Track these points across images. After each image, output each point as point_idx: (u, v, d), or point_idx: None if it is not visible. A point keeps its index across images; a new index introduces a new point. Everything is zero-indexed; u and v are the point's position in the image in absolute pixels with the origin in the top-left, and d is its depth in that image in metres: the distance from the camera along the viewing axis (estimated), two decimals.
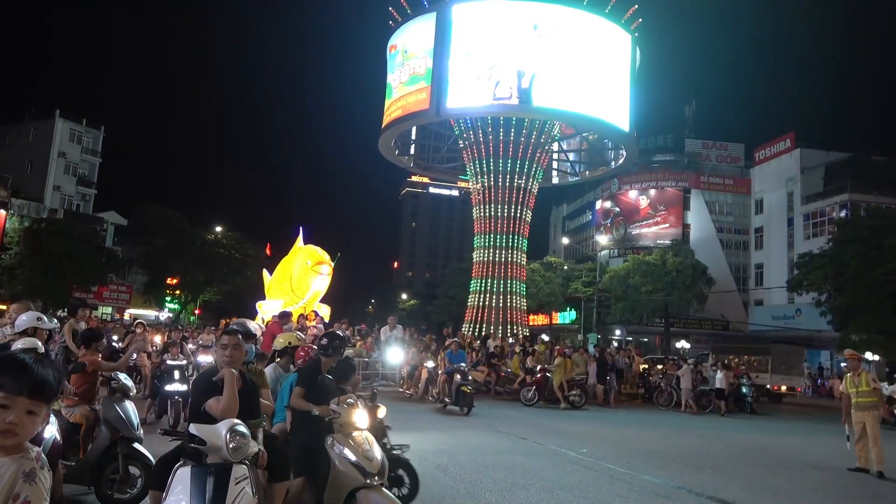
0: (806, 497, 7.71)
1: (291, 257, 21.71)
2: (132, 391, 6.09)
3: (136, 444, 5.66)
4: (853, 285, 28.53)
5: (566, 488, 7.14)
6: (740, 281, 49.38)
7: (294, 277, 20.52)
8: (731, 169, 52.59)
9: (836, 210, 40.69)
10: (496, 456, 8.97)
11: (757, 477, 8.62)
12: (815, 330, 35.68)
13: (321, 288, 20.65)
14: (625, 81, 32.44)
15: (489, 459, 8.60)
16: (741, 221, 50.67)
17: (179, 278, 45.54)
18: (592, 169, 41.49)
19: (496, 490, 6.85)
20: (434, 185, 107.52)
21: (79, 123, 53.06)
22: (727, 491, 7.46)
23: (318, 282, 20.36)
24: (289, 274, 21.01)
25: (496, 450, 9.59)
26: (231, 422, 3.42)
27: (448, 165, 40.59)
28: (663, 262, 40.02)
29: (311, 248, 21.19)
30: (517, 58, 29.79)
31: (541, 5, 30.37)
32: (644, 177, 52.67)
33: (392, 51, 34.50)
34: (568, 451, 9.63)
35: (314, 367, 5.29)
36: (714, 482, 8.00)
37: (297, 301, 19.96)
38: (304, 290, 20.24)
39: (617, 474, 8.14)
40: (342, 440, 4.51)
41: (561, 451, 9.64)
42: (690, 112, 56.99)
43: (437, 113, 30.97)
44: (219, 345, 3.94)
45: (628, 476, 8.05)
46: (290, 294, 20.50)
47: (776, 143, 47.93)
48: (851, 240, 29.49)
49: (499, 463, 8.37)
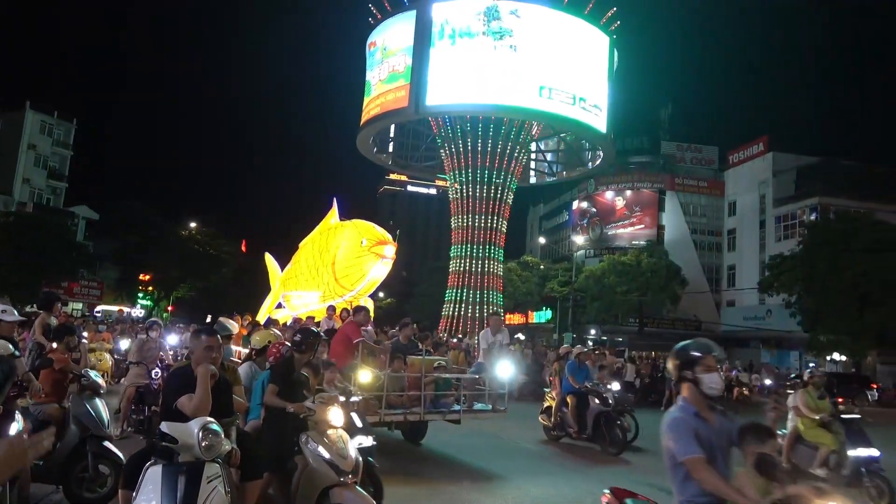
0: None
1: (327, 237, 17.09)
2: (103, 389, 6.00)
3: (106, 442, 5.58)
4: (822, 287, 29.14)
5: None
6: (713, 282, 50.12)
7: (339, 262, 15.86)
8: (705, 171, 53.31)
9: (807, 213, 41.49)
10: None
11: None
12: (785, 331, 36.37)
13: (380, 275, 16.01)
14: (603, 83, 32.70)
15: None
16: (714, 223, 51.42)
17: (152, 274, 44.91)
18: (570, 169, 41.77)
19: None
20: (412, 184, 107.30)
21: (50, 115, 51.94)
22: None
23: (377, 268, 15.60)
24: (327, 258, 16.29)
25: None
26: (203, 420, 3.40)
27: (426, 164, 40.55)
28: (638, 263, 40.48)
29: (364, 224, 16.59)
30: (497, 57, 29.86)
31: (521, 4, 30.47)
32: (620, 178, 53.17)
33: (371, 48, 34.37)
34: None
35: (287, 364, 5.27)
36: None
37: (342, 292, 15.74)
38: (355, 277, 15.65)
39: None
40: (316, 438, 4.50)
41: None
42: (666, 114, 57.67)
43: (416, 111, 30.93)
44: (201, 345, 3.87)
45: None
46: (333, 283, 16.00)
47: (749, 146, 48.71)
48: (821, 242, 30.11)
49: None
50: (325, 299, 15.45)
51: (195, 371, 3.70)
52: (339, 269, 15.85)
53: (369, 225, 16.54)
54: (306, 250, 17.74)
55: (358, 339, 7.94)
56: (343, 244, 16.06)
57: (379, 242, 15.49)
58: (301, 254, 17.99)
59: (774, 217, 44.74)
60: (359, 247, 15.60)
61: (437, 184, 66.43)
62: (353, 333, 8.07)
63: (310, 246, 17.63)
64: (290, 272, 18.30)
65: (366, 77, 34.72)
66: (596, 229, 53.37)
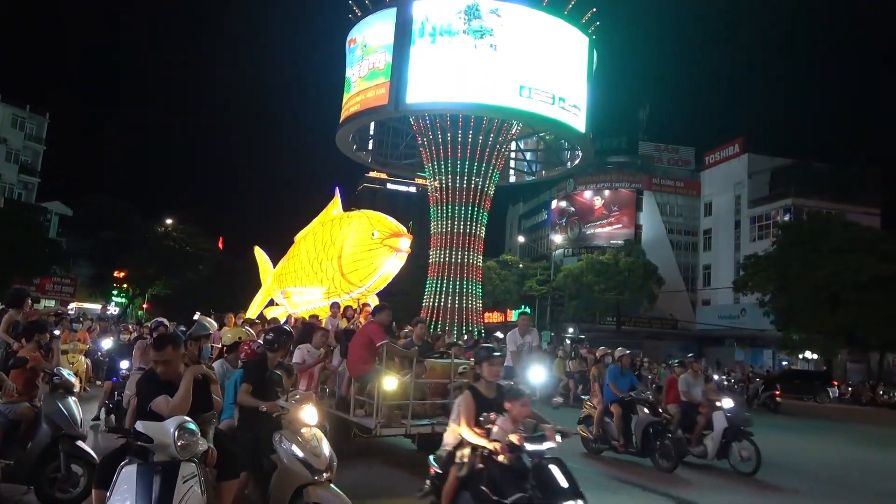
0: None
1: (331, 229, 15.62)
2: (75, 387, 5.91)
3: (79, 441, 5.50)
4: (795, 287, 29.66)
5: None
6: (689, 281, 50.75)
7: (346, 255, 14.46)
8: (681, 172, 53.93)
9: (781, 214, 42.20)
10: None
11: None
12: (758, 330, 36.96)
13: (393, 270, 14.75)
14: (582, 83, 32.89)
15: None
16: (691, 223, 52.05)
17: (127, 271, 44.27)
18: (549, 169, 41.98)
19: None
20: (392, 182, 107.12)
21: (22, 109, 50.89)
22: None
23: (390, 262, 14.35)
24: (332, 251, 14.89)
25: None
26: (180, 419, 3.37)
27: (406, 162, 40.46)
28: (616, 262, 40.88)
29: (375, 215, 15.29)
30: (477, 56, 29.88)
31: (502, 4, 30.51)
32: (599, 177, 53.57)
33: (351, 45, 34.18)
34: None
35: (260, 362, 5.23)
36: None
37: (349, 288, 14.48)
38: (364, 272, 14.35)
39: None
40: (290, 437, 4.49)
41: None
42: (644, 115, 58.22)
43: (396, 108, 30.83)
44: (174, 353, 3.82)
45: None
46: (339, 278, 14.59)
47: (725, 147, 49.39)
48: (794, 243, 30.65)
49: None
50: (329, 296, 14.23)
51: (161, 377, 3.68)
52: (347, 263, 14.37)
53: (380, 215, 15.20)
54: (307, 243, 16.23)
55: (382, 342, 7.18)
56: (351, 236, 14.54)
57: (393, 234, 14.21)
58: (299, 247, 16.54)
59: (749, 217, 45.43)
60: (369, 239, 14.21)
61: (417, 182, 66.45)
62: (375, 335, 7.28)
63: (310, 238, 16.15)
64: (286, 267, 16.94)
65: (346, 74, 34.54)
66: (574, 228, 53.72)
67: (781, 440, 12.67)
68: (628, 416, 9.29)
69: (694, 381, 9.69)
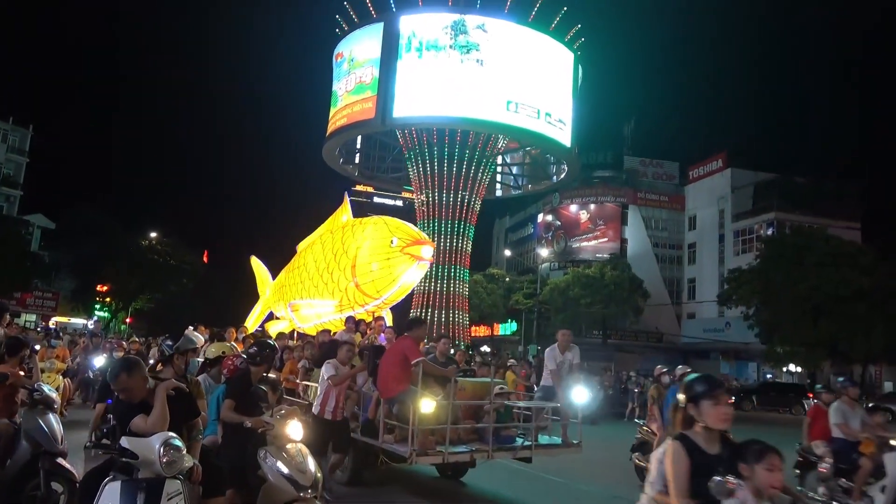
0: None
1: (342, 236, 14.30)
2: (56, 403, 5.81)
3: (59, 458, 5.40)
4: (778, 300, 29.93)
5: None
6: (674, 294, 51.06)
7: (360, 265, 13.20)
8: (666, 186, 54.42)
9: (764, 228, 42.68)
10: None
11: None
12: (743, 342, 37.22)
13: (413, 280, 13.85)
14: (567, 98, 33.22)
15: None
16: (675, 237, 52.45)
17: (110, 285, 43.76)
18: (535, 183, 42.23)
19: None
20: (378, 195, 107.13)
21: (5, 121, 50.44)
22: None
23: (411, 272, 13.14)
24: (345, 261, 13.53)
25: None
26: (165, 435, 3.32)
27: (393, 175, 40.57)
28: (602, 276, 41.06)
29: (394, 221, 14.07)
30: (464, 71, 30.10)
31: (488, 20, 30.82)
32: (584, 191, 53.93)
33: (338, 59, 34.32)
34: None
35: (244, 377, 5.17)
36: None
37: (365, 300, 13.29)
38: (382, 283, 13.08)
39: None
40: (275, 453, 4.43)
41: None
42: (629, 130, 58.76)
43: (382, 122, 30.95)
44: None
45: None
46: (353, 290, 13.34)
47: (709, 162, 49.95)
48: (777, 257, 30.97)
49: None
50: (342, 308, 13.18)
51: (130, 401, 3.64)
52: (362, 273, 13.12)
53: (399, 222, 14.05)
54: (314, 252, 15.03)
55: (418, 360, 6.59)
56: (366, 244, 13.28)
57: (414, 242, 12.97)
58: (305, 257, 15.38)
59: (733, 231, 45.89)
60: (387, 247, 12.95)
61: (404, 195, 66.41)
62: (411, 352, 6.67)
63: (318, 247, 14.97)
64: (288, 278, 15.87)
65: (332, 88, 34.64)
66: (560, 242, 53.96)
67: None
68: None
69: (851, 412, 7.56)
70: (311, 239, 15.99)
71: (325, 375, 6.84)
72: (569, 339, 8.73)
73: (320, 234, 15.62)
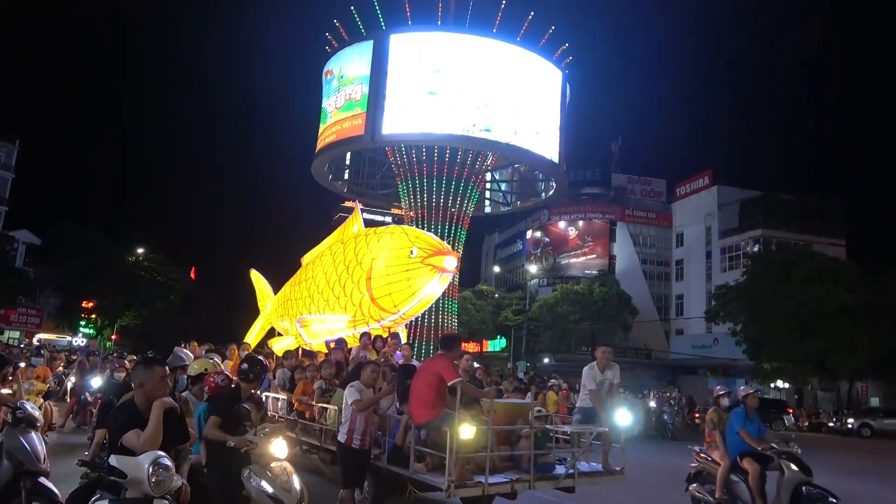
0: None
1: (355, 247, 13.25)
2: (39, 421, 5.72)
3: (41, 478, 5.30)
4: (765, 316, 30.13)
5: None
6: (662, 311, 51.25)
7: (376, 277, 12.27)
8: (653, 203, 54.83)
9: (750, 245, 43.06)
10: None
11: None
12: (731, 359, 37.35)
13: (435, 293, 12.88)
14: (556, 115, 33.47)
15: None
16: (663, 253, 52.75)
17: (96, 301, 43.32)
18: (524, 199, 42.39)
19: None
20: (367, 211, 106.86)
21: None
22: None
23: (432, 285, 12.23)
24: (358, 273, 12.66)
25: None
26: (154, 454, 3.28)
27: (382, 192, 40.55)
28: (590, 292, 41.18)
29: (413, 231, 13.38)
30: (454, 88, 30.29)
31: (477, 39, 31.07)
32: (573, 208, 54.21)
33: (328, 76, 34.43)
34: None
35: (232, 394, 5.11)
36: None
37: (381, 315, 12.40)
38: (401, 297, 12.16)
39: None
40: (259, 472, 4.37)
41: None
42: (617, 147, 59.28)
43: (372, 139, 31.00)
44: (156, 376, 3.73)
45: None
46: (368, 304, 12.41)
47: (695, 179, 50.44)
48: (763, 273, 31.23)
49: None
50: (356, 324, 12.38)
51: (139, 406, 3.58)
52: (378, 286, 12.19)
53: (419, 231, 13.33)
54: (323, 263, 14.02)
55: (455, 381, 6.02)
56: (382, 255, 12.37)
57: (436, 252, 12.02)
58: (313, 269, 14.37)
59: (720, 248, 46.24)
60: (406, 259, 12.06)
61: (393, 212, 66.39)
62: (446, 372, 6.10)
63: (327, 258, 13.99)
64: (294, 292, 14.88)
65: (322, 104, 34.72)
66: (549, 259, 54.09)
67: None
68: (763, 473, 7.48)
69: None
70: (319, 250, 15.08)
71: (348, 400, 6.34)
72: (609, 357, 8.08)
73: (329, 245, 14.65)
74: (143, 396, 3.64)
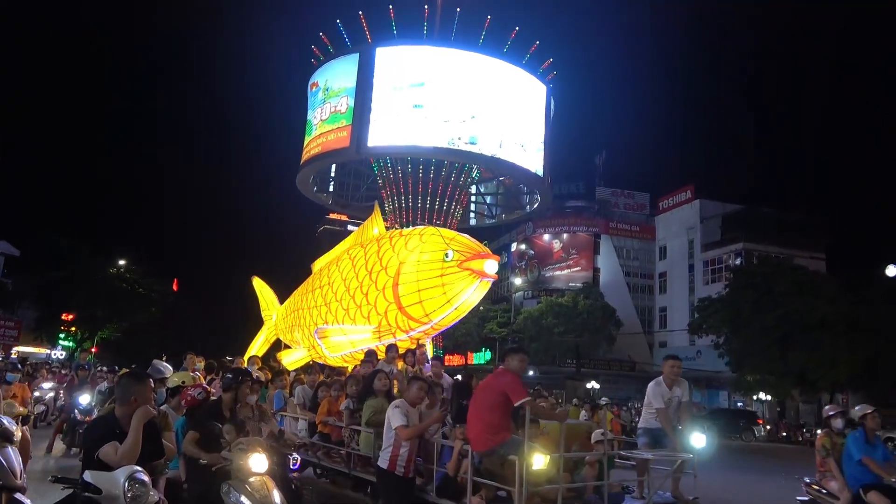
0: None
1: (378, 251, 11.79)
2: (15, 437, 5.62)
3: (17, 494, 5.20)
4: (747, 329, 30.36)
5: None
6: (646, 323, 51.51)
7: (406, 284, 10.88)
8: (637, 216, 55.24)
9: (732, 258, 43.47)
10: None
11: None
12: (714, 371, 37.58)
13: (472, 301, 11.16)
14: (540, 129, 33.74)
15: None
16: (646, 266, 53.12)
17: (76, 314, 42.71)
18: (508, 212, 42.55)
19: None
20: (353, 223, 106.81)
21: None
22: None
23: (470, 291, 10.73)
24: (383, 278, 11.22)
25: None
26: (130, 468, 3.23)
27: (367, 204, 40.50)
28: (575, 305, 41.32)
29: (447, 232, 11.78)
30: (439, 101, 30.45)
31: (463, 53, 31.30)
32: (557, 221, 54.48)
33: (313, 88, 34.48)
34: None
35: (213, 407, 5.05)
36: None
37: (410, 325, 11.05)
38: (433, 305, 10.75)
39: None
40: (238, 486, 4.30)
41: None
42: (601, 161, 59.76)
43: (357, 151, 31.06)
44: (144, 390, 3.68)
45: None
46: (394, 313, 11.05)
47: (678, 193, 50.95)
48: (745, 286, 31.50)
49: None
50: (381, 335, 11.24)
51: (120, 419, 3.53)
52: (406, 293, 10.91)
53: (453, 232, 11.89)
54: (342, 268, 12.65)
55: (523, 400, 5.26)
56: (411, 259, 11.04)
57: (475, 255, 10.57)
58: (329, 275, 13.01)
59: (702, 261, 46.64)
60: (440, 263, 10.66)
61: None
62: (513, 390, 5.31)
63: (346, 264, 12.59)
64: (307, 300, 13.55)
65: (307, 117, 34.73)
66: (534, 271, 54.24)
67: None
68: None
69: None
70: (335, 254, 13.93)
71: (392, 423, 5.67)
72: (678, 371, 7.16)
73: (346, 249, 13.37)
74: (128, 410, 3.58)
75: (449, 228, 32.17)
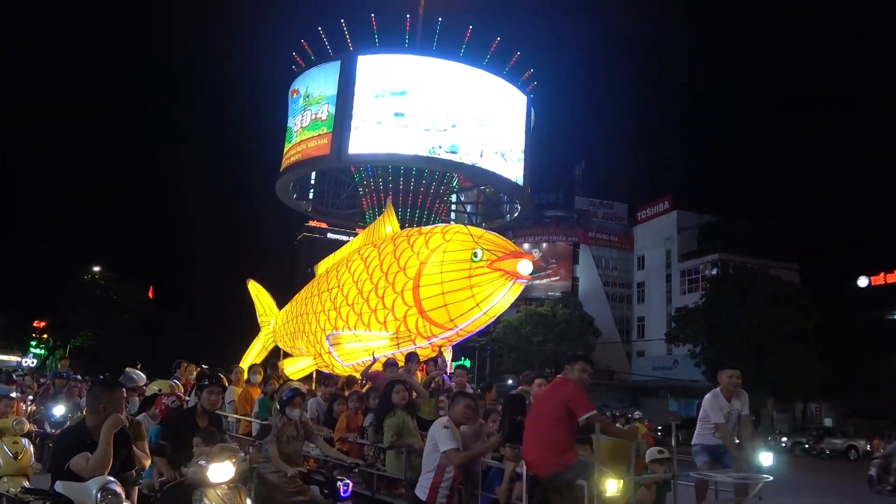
0: None
1: (394, 251, 10.84)
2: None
3: None
4: (723, 338, 30.74)
5: None
6: (624, 332, 51.88)
7: (427, 286, 9.95)
8: (615, 226, 55.74)
9: (709, 268, 44.04)
10: None
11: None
12: (690, 380, 37.96)
13: (503, 305, 10.20)
14: (521, 139, 33.96)
15: None
16: (625, 276, 53.57)
17: (48, 321, 41.90)
18: (488, 221, 42.67)
19: None
20: (332, 231, 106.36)
21: None
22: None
23: (503, 294, 9.77)
24: (401, 280, 10.30)
25: None
26: (103, 479, 3.17)
27: (347, 211, 40.40)
28: (554, 314, 41.51)
29: (474, 230, 10.69)
30: (420, 110, 30.53)
31: (444, 62, 31.44)
32: (537, 230, 54.76)
33: (294, 95, 34.36)
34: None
35: (186, 416, 4.97)
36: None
37: (432, 331, 10.22)
38: (459, 309, 9.82)
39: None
40: (209, 494, 4.25)
41: None
42: (580, 171, 60.26)
43: (338, 158, 30.98)
44: (115, 398, 3.62)
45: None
46: (414, 317, 10.18)
47: (655, 204, 51.54)
48: (721, 296, 31.92)
49: None
50: (400, 342, 10.37)
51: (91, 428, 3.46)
52: (428, 296, 9.93)
53: (480, 230, 10.94)
54: (353, 270, 11.63)
55: (589, 414, 4.60)
56: (433, 259, 10.01)
57: (507, 255, 9.59)
58: (336, 278, 12.06)
59: (679, 271, 47.18)
60: (468, 263, 9.66)
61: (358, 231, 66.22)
62: (577, 404, 4.65)
63: (357, 265, 11.59)
64: (312, 305, 12.53)
65: (287, 124, 34.59)
66: None
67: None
68: None
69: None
70: (343, 255, 12.88)
71: (441, 445, 4.93)
72: (738, 382, 6.57)
73: (357, 249, 12.32)
74: (99, 419, 3.51)
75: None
